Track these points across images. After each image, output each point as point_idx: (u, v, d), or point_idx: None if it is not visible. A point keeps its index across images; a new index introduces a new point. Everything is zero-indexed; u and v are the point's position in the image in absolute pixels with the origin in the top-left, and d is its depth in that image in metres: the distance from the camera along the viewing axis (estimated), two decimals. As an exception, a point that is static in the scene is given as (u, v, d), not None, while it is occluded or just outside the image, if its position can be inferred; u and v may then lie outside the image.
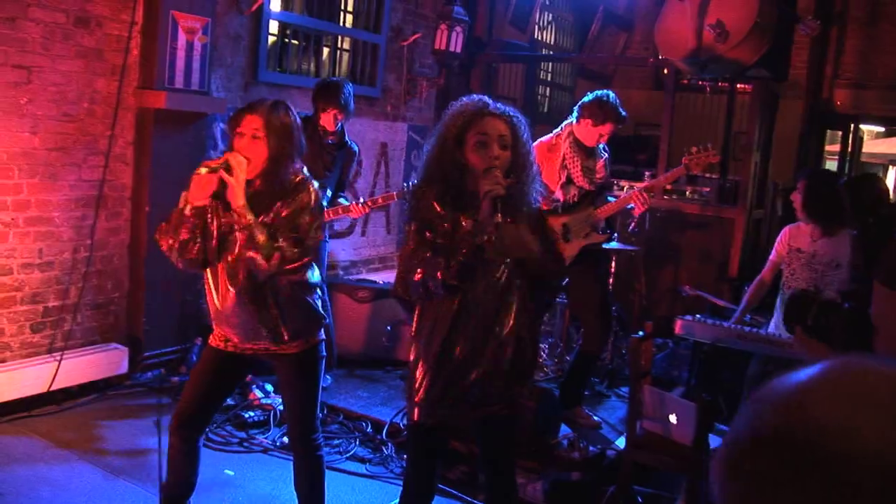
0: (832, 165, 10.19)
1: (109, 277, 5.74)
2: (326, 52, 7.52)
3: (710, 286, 7.09)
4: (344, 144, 5.60)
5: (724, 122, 8.64)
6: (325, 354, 3.53)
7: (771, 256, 5.06)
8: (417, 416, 3.15)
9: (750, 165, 7.47)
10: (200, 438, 3.53)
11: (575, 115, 5.25)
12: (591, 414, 5.52)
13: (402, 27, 8.10)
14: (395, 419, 5.20)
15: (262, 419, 5.17)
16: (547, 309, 6.23)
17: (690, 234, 7.99)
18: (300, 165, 3.40)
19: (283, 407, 4.20)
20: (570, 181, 5.24)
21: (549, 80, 11.63)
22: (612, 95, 5.19)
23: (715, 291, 6.81)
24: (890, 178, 15.21)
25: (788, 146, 8.15)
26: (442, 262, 2.94)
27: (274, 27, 6.85)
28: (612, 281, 6.82)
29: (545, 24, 10.97)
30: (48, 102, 5.20)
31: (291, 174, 3.32)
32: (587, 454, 4.82)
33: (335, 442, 5.00)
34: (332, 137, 5.48)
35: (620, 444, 4.86)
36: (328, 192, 5.40)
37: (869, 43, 8.97)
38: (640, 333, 4.29)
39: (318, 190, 3.39)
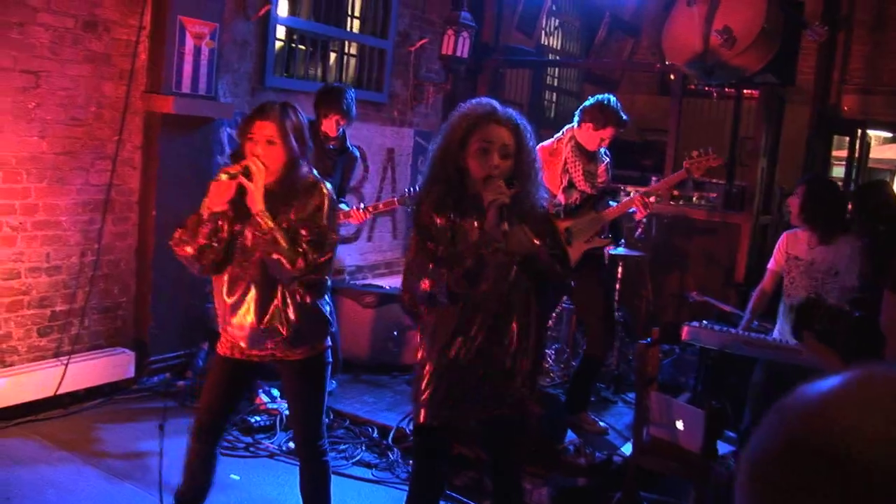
0: (839, 171, 10.16)
1: (116, 282, 5.75)
2: (333, 57, 7.53)
3: (716, 292, 7.07)
4: (345, 150, 5.60)
5: (730, 127, 8.62)
6: (331, 360, 3.53)
7: (770, 265, 5.04)
8: (423, 417, 3.15)
9: (756, 171, 7.45)
10: (219, 444, 3.54)
11: (576, 119, 5.26)
12: (596, 420, 5.51)
13: (409, 32, 8.10)
14: (401, 424, 5.20)
15: (268, 424, 5.17)
16: (552, 309, 6.21)
17: (697, 239, 7.98)
18: (309, 168, 3.40)
19: (288, 412, 4.20)
20: (571, 185, 5.24)
21: (555, 85, 11.63)
22: (613, 99, 5.20)
23: (722, 297, 6.80)
24: (897, 183, 15.15)
25: (795, 151, 8.13)
26: (445, 272, 2.95)
27: (281, 32, 6.86)
28: (618, 287, 6.81)
29: (552, 29, 10.97)
30: (56, 107, 5.21)
31: (303, 176, 3.33)
32: (593, 460, 4.81)
33: (341, 447, 5.00)
34: (333, 143, 5.48)
35: (627, 449, 4.85)
36: None
37: (876, 48, 8.95)
38: (646, 340, 4.28)
39: (331, 191, 3.39)
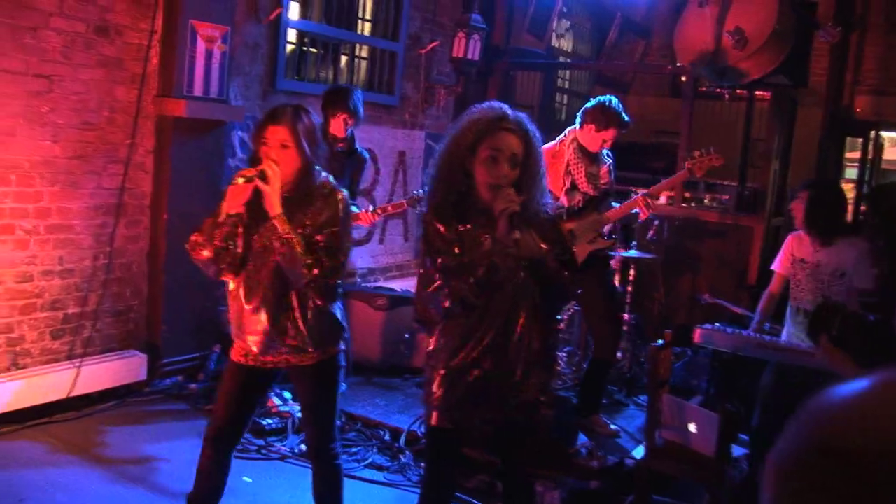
0: (852, 173, 10.11)
1: (128, 285, 5.77)
2: (344, 60, 7.53)
3: (728, 294, 7.05)
4: (354, 151, 5.59)
5: (742, 129, 8.60)
6: (343, 364, 3.53)
7: (777, 269, 5.02)
8: (435, 420, 3.15)
9: (769, 173, 7.43)
10: (233, 451, 3.54)
11: (578, 121, 5.26)
12: (608, 422, 5.50)
13: (419, 35, 8.11)
14: (412, 427, 5.19)
15: (279, 427, 5.18)
16: (560, 311, 6.20)
17: (709, 242, 7.95)
18: (327, 174, 3.40)
19: (301, 415, 4.20)
20: (574, 187, 5.23)
21: (566, 87, 11.62)
22: (614, 101, 5.20)
23: (734, 299, 6.78)
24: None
25: (808, 153, 8.09)
26: (457, 285, 2.96)
27: (292, 35, 6.87)
28: (630, 289, 6.80)
29: (563, 31, 10.96)
30: (69, 111, 5.23)
31: (319, 182, 3.33)
32: (605, 463, 4.80)
33: (353, 450, 5.00)
34: (341, 144, 5.46)
35: (639, 453, 4.84)
36: None
37: (889, 49, 8.91)
38: (659, 342, 4.27)
39: (346, 196, 3.39)
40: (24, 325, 5.21)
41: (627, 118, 5.22)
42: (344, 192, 3.40)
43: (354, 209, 5.53)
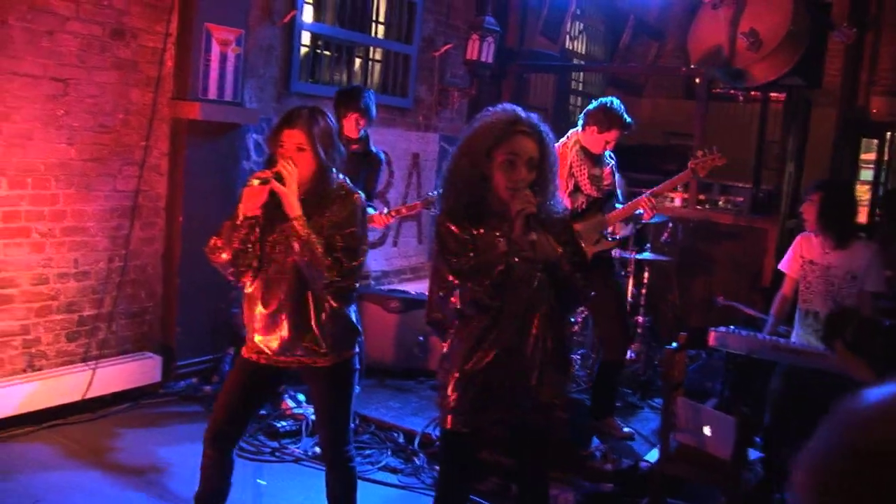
0: (868, 174, 10.07)
1: (143, 287, 5.79)
2: (358, 62, 7.55)
3: (743, 296, 7.02)
4: (369, 153, 5.59)
5: (756, 131, 8.57)
6: (357, 367, 3.52)
7: (784, 270, 5.00)
8: (450, 423, 3.15)
9: (783, 175, 7.40)
10: (234, 450, 3.53)
11: (580, 122, 5.26)
12: (622, 425, 5.48)
13: (433, 38, 8.11)
14: (426, 429, 5.19)
15: (294, 429, 5.18)
16: (574, 313, 6.19)
17: (723, 244, 7.93)
18: (343, 176, 3.41)
19: (315, 417, 4.21)
20: (577, 189, 5.22)
21: (580, 89, 11.60)
22: (616, 102, 5.20)
23: (748, 301, 6.75)
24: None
25: (822, 155, 8.07)
26: (472, 287, 2.96)
27: (306, 38, 6.89)
28: (644, 291, 6.79)
29: (576, 33, 10.95)
30: (84, 114, 5.26)
31: (335, 184, 3.33)
32: (619, 466, 4.79)
33: (367, 452, 5.00)
34: (355, 146, 5.46)
35: (653, 456, 4.82)
36: None
37: (905, 50, 8.87)
38: (673, 345, 4.25)
39: (363, 199, 3.39)
40: (39, 327, 5.23)
41: (630, 119, 5.21)
42: (360, 193, 3.40)
43: (371, 210, 5.53)
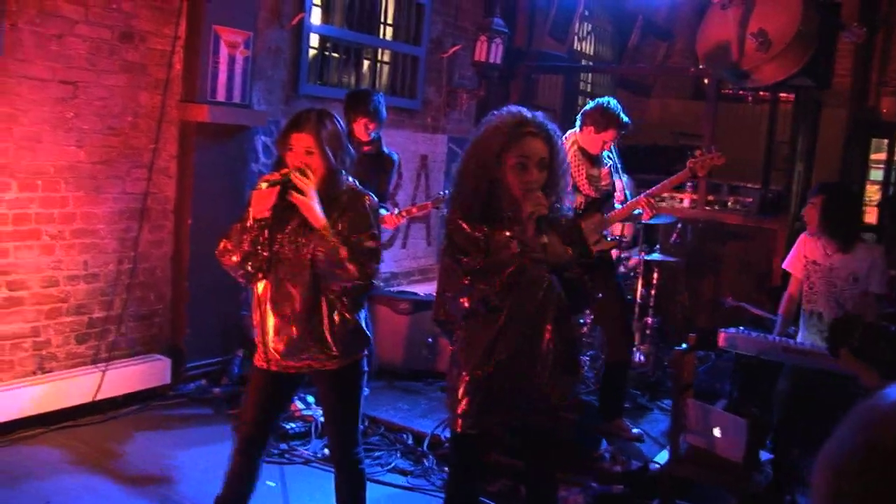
0: (878, 174, 10.03)
1: (152, 289, 5.80)
2: (367, 64, 7.55)
3: (752, 297, 7.01)
4: (381, 154, 5.59)
5: (766, 131, 8.55)
6: (366, 370, 3.52)
7: (791, 270, 5.00)
8: (460, 427, 3.14)
9: (792, 175, 7.38)
10: (262, 456, 3.54)
11: (578, 123, 5.26)
12: (631, 426, 5.48)
13: (441, 39, 8.11)
14: (436, 431, 5.19)
15: (303, 430, 5.18)
16: (582, 314, 6.19)
17: (732, 244, 7.91)
18: (353, 179, 3.41)
19: (323, 420, 4.21)
20: (575, 189, 5.22)
21: (588, 90, 11.57)
22: (613, 102, 5.21)
23: (757, 302, 6.73)
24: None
25: (832, 155, 8.04)
26: (484, 288, 2.95)
27: (314, 40, 6.90)
28: (654, 292, 6.78)
29: (584, 34, 10.93)
30: (93, 116, 5.28)
31: (344, 186, 3.33)
32: (629, 467, 4.78)
33: (376, 454, 5.00)
34: (367, 148, 5.46)
35: (662, 457, 4.81)
36: None
37: (915, 50, 8.83)
38: (683, 346, 4.24)
39: (373, 199, 3.40)
40: (49, 329, 5.25)
41: (627, 119, 5.21)
42: (371, 195, 3.40)
43: (383, 212, 5.52)
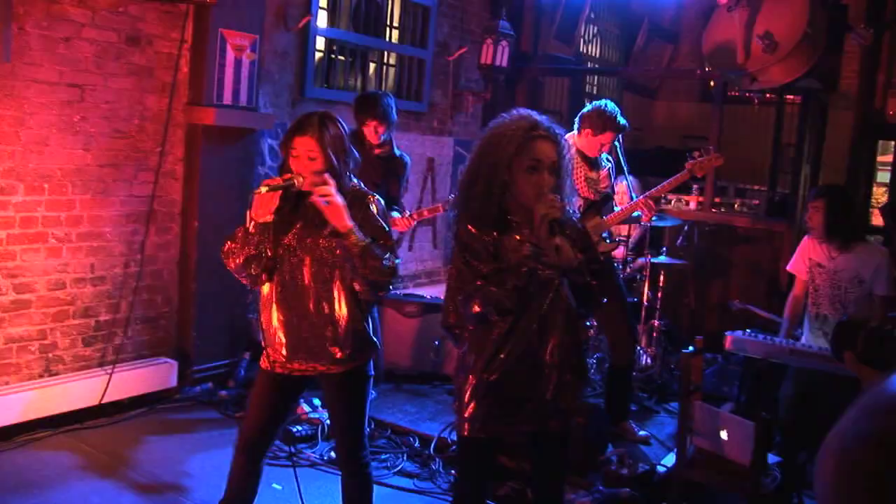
0: (885, 177, 10.00)
1: (159, 292, 5.81)
2: (373, 67, 7.56)
3: (759, 299, 7.00)
4: (393, 156, 5.59)
5: (772, 133, 8.53)
6: (372, 374, 3.52)
7: (796, 273, 5.00)
8: (467, 431, 3.14)
9: (799, 178, 7.36)
10: (264, 459, 3.55)
11: (576, 126, 5.27)
12: (638, 429, 5.47)
13: (447, 42, 8.12)
14: (442, 434, 5.18)
15: (309, 433, 5.18)
16: (589, 318, 6.18)
17: (740, 247, 7.90)
18: (358, 181, 3.41)
19: (330, 423, 4.20)
20: (574, 192, 5.22)
21: (594, 93, 11.56)
22: (610, 104, 5.23)
23: (764, 305, 6.72)
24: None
25: (839, 157, 8.01)
26: (496, 291, 2.94)
27: (320, 43, 6.90)
28: (660, 295, 6.77)
29: (590, 37, 10.93)
30: (100, 120, 5.29)
31: (349, 188, 3.33)
32: (636, 470, 4.77)
33: (383, 457, 5.00)
34: (378, 150, 5.47)
35: (670, 460, 4.80)
36: None
37: (923, 51, 8.80)
38: (690, 348, 4.23)
39: (378, 199, 3.40)
40: (56, 332, 5.26)
41: (624, 121, 5.23)
42: (375, 195, 3.41)
43: (396, 214, 5.52)
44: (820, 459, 0.89)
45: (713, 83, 8.20)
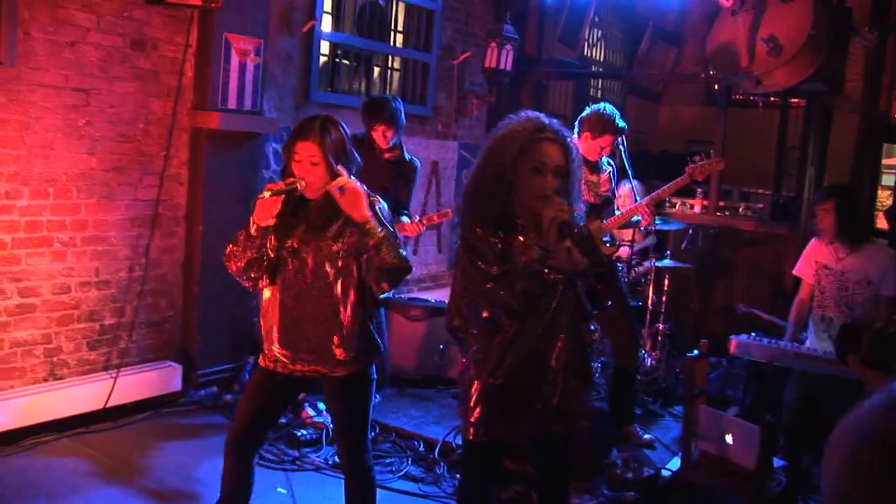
0: (889, 180, 9.99)
1: (164, 296, 5.82)
2: (377, 71, 7.56)
3: (764, 302, 6.99)
4: (402, 161, 5.60)
5: (777, 137, 8.53)
6: (375, 377, 3.52)
7: (802, 276, 5.00)
8: (473, 435, 3.13)
9: (804, 181, 7.36)
10: (254, 458, 3.54)
11: (576, 130, 5.27)
12: (642, 433, 5.46)
13: (452, 46, 8.12)
14: (447, 438, 5.18)
15: (314, 437, 5.18)
16: (593, 321, 6.18)
17: (744, 250, 7.89)
18: (361, 183, 3.42)
19: (332, 425, 4.20)
20: None
21: (598, 96, 11.55)
22: (609, 108, 5.23)
23: (769, 308, 6.71)
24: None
25: (843, 160, 8.01)
26: (504, 294, 2.94)
27: (325, 47, 6.91)
28: (665, 299, 6.76)
29: (594, 41, 10.93)
30: (105, 124, 5.30)
31: None
32: (641, 474, 4.76)
33: (387, 461, 5.00)
34: (388, 155, 5.48)
35: (675, 464, 4.79)
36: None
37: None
38: (694, 352, 4.23)
39: (380, 201, 3.41)
40: (61, 336, 5.26)
41: (623, 123, 5.23)
42: (378, 197, 3.41)
43: (405, 219, 5.52)
44: (825, 459, 0.90)
45: (717, 87, 8.18)
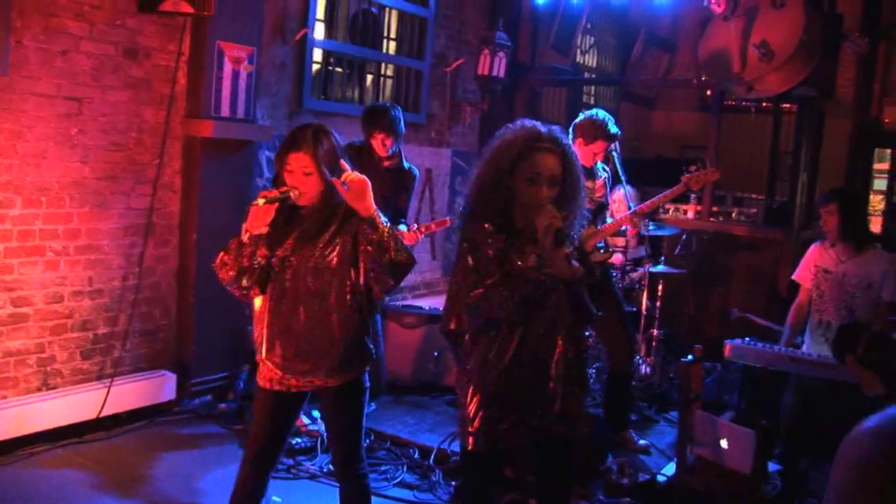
0: (881, 184, 10.03)
1: (157, 304, 5.80)
2: (370, 79, 7.57)
3: (759, 308, 7.00)
4: (401, 169, 5.61)
5: (769, 142, 8.55)
6: (368, 385, 3.50)
7: (801, 281, 5.01)
8: (473, 444, 3.12)
9: (797, 186, 7.38)
10: (271, 472, 3.53)
11: (570, 136, 5.27)
12: (638, 438, 5.46)
13: (445, 53, 8.13)
14: (442, 445, 5.17)
15: (309, 445, 5.17)
16: (587, 328, 6.20)
17: (738, 255, 7.90)
18: None
19: (326, 433, 4.19)
20: None
21: (592, 103, 11.56)
22: (601, 113, 5.25)
23: (764, 313, 6.72)
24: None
25: (836, 165, 8.03)
26: (506, 294, 2.94)
27: (318, 55, 6.91)
28: (659, 304, 6.76)
29: (587, 47, 10.95)
30: (98, 132, 5.29)
31: (341, 197, 3.32)
32: (636, 480, 4.75)
33: (382, 468, 4.98)
34: (388, 163, 5.49)
35: (670, 469, 4.79)
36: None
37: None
38: (689, 357, 4.23)
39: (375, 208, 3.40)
40: (54, 345, 5.24)
41: (615, 129, 5.24)
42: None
43: (403, 227, 5.53)
44: (836, 464, 0.89)
45: (710, 92, 8.21)
